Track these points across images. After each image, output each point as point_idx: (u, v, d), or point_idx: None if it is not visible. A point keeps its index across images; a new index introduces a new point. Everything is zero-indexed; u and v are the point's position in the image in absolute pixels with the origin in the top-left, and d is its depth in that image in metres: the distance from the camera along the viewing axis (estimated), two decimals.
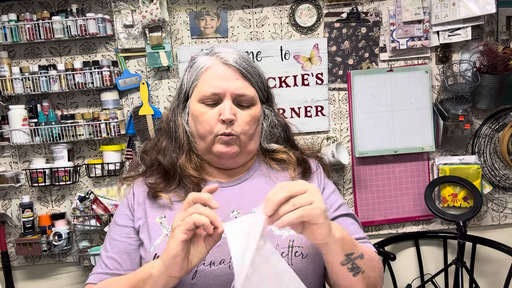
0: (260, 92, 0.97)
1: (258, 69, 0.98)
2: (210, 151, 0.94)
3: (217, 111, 0.91)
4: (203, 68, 0.94)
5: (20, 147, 1.97)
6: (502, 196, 2.09)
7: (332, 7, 1.96)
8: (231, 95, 0.91)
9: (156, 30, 1.89)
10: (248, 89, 0.93)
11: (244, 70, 0.93)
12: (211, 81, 0.92)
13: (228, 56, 0.93)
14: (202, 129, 0.93)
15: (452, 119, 1.94)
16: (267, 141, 1.01)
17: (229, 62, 0.92)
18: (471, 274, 1.92)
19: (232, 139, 0.92)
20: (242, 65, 0.93)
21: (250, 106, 0.94)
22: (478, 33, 1.98)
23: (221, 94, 0.91)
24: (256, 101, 0.95)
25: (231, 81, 0.92)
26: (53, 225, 1.93)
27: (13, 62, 1.93)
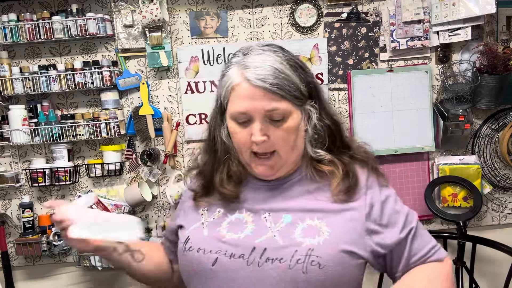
0: (295, 100, 0.89)
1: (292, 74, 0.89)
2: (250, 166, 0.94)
3: (249, 131, 0.89)
4: (230, 86, 0.89)
5: (20, 147, 1.97)
6: (502, 196, 2.09)
7: (332, 7, 1.96)
8: (260, 114, 0.87)
9: (156, 30, 1.89)
10: (278, 103, 0.87)
11: (270, 86, 0.86)
12: (238, 101, 0.88)
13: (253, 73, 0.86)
14: (237, 147, 0.93)
15: (452, 119, 1.94)
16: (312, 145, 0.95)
17: (253, 82, 0.86)
18: (471, 274, 1.91)
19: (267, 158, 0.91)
20: (268, 81, 0.86)
21: (284, 119, 0.89)
22: (478, 33, 1.98)
23: (249, 114, 0.87)
24: (290, 113, 0.89)
25: (258, 99, 0.86)
26: (53, 225, 1.93)
27: (13, 62, 1.93)
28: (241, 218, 0.93)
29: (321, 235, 0.86)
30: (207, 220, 0.96)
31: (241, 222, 0.92)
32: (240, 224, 0.92)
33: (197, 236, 0.93)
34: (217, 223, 0.94)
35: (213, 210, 0.97)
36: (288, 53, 0.93)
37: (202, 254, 0.89)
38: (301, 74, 0.91)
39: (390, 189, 0.98)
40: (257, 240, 0.87)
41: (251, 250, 0.86)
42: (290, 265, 0.83)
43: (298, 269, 0.82)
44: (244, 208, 0.94)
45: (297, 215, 0.90)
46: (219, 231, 0.92)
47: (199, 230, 0.94)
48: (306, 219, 0.89)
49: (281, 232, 0.88)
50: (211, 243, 0.90)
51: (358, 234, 0.89)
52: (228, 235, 0.90)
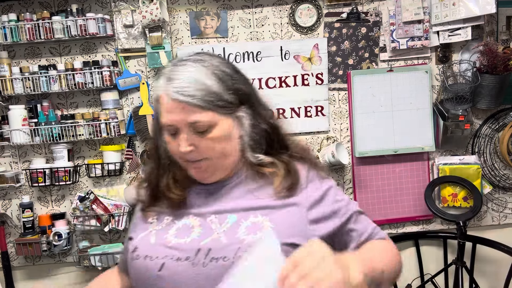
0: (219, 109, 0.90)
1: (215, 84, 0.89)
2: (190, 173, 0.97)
3: (177, 143, 0.91)
4: (156, 98, 0.93)
5: (20, 147, 1.97)
6: (502, 196, 2.09)
7: (332, 7, 1.96)
8: (184, 126, 0.89)
9: (156, 30, 1.89)
10: (200, 115, 0.88)
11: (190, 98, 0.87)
12: (164, 114, 0.91)
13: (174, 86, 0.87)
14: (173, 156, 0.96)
15: (452, 119, 1.94)
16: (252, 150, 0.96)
17: (172, 96, 0.87)
18: (471, 274, 1.92)
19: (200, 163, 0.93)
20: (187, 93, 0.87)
21: (209, 129, 0.90)
22: (478, 33, 1.98)
23: (175, 126, 0.90)
24: (214, 123, 0.90)
25: (178, 112, 0.88)
26: (53, 225, 1.93)
27: (13, 62, 1.93)
28: (188, 223, 0.94)
29: (263, 231, 0.88)
30: (155, 228, 0.96)
31: (188, 227, 0.93)
32: (187, 229, 0.92)
33: (144, 244, 0.93)
34: (165, 230, 0.94)
35: (162, 218, 0.97)
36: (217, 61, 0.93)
37: (149, 261, 0.89)
38: (227, 82, 0.91)
39: (330, 181, 1.01)
40: (203, 242, 0.88)
41: (196, 252, 0.87)
42: (234, 262, 0.83)
43: None
44: (191, 214, 0.95)
45: (241, 214, 0.92)
46: (166, 237, 0.92)
47: (147, 238, 0.94)
48: (249, 217, 0.91)
49: (226, 232, 0.89)
50: (158, 249, 0.90)
51: (302, 226, 0.91)
52: (174, 241, 0.90)
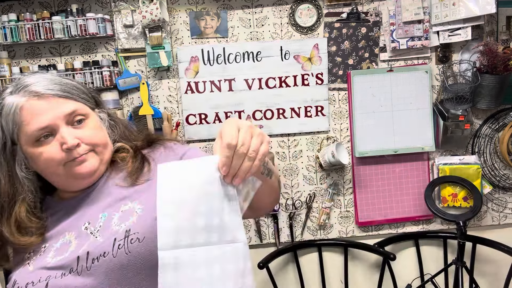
0: (87, 102, 0.94)
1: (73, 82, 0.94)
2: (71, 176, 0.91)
3: (57, 143, 0.87)
4: (17, 109, 0.85)
5: None
6: (502, 196, 2.09)
7: (332, 7, 1.96)
8: (62, 120, 0.87)
9: (156, 30, 1.89)
10: (74, 104, 0.90)
11: (59, 92, 0.88)
12: (34, 118, 0.85)
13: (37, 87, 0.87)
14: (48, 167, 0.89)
15: (452, 119, 1.94)
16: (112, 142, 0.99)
17: (42, 92, 0.86)
18: (471, 274, 1.92)
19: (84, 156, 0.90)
20: (55, 88, 0.88)
21: (86, 118, 0.91)
22: (478, 33, 1.98)
23: (51, 125, 0.86)
24: (88, 113, 0.93)
25: (53, 108, 0.87)
26: None
27: (13, 62, 1.93)
28: (65, 240, 0.89)
29: (134, 215, 0.87)
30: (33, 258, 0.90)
31: (66, 244, 0.88)
32: (65, 245, 0.88)
33: (22, 275, 0.87)
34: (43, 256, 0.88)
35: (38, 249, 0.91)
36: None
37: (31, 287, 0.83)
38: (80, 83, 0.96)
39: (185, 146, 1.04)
40: (81, 249, 0.85)
41: (77, 261, 0.83)
42: (113, 254, 0.82)
43: (121, 253, 0.81)
44: (66, 231, 0.90)
45: (111, 208, 0.90)
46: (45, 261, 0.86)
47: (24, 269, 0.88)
48: (120, 207, 0.89)
49: (101, 231, 0.87)
50: (38, 274, 0.85)
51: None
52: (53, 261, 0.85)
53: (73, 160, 0.88)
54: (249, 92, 1.97)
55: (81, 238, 0.88)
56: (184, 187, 0.73)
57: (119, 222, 0.87)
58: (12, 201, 0.89)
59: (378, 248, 1.97)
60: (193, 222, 0.72)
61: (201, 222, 0.72)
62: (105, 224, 0.88)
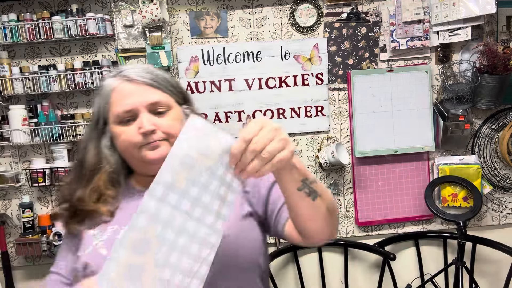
0: (174, 96, 0.97)
1: (166, 75, 0.98)
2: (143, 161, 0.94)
3: (136, 126, 0.91)
4: (109, 91, 0.94)
5: (20, 147, 1.97)
6: (502, 196, 2.09)
7: (332, 7, 1.96)
8: (145, 107, 0.91)
9: (156, 30, 1.89)
10: (159, 95, 0.93)
11: (149, 80, 0.93)
12: (121, 100, 0.92)
13: (130, 72, 0.94)
14: (125, 147, 0.93)
15: (452, 119, 1.94)
16: None
17: (132, 77, 0.93)
18: (471, 274, 1.91)
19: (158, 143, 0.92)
20: (146, 77, 0.93)
21: (168, 109, 0.94)
22: (478, 33, 1.98)
23: (134, 110, 0.91)
24: (172, 105, 0.95)
25: (139, 94, 0.92)
26: (53, 225, 1.93)
27: (13, 62, 1.93)
28: None
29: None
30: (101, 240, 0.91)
31: None
32: None
33: (96, 258, 0.88)
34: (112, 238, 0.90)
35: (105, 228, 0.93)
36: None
37: None
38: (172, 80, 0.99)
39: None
40: None
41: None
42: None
43: None
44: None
45: None
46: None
47: (96, 251, 0.89)
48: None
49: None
50: None
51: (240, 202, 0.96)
52: None
53: (147, 145, 0.91)
54: (249, 92, 1.97)
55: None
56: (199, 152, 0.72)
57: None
58: (95, 170, 0.95)
59: (378, 248, 1.97)
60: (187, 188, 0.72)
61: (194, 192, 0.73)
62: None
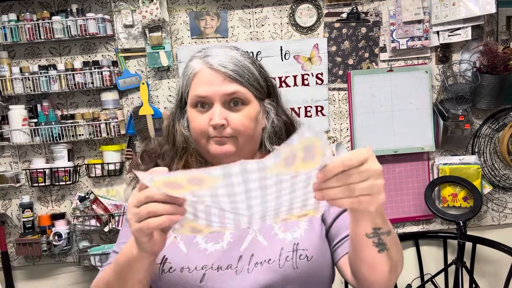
0: (255, 90, 0.93)
1: (251, 66, 0.93)
2: (208, 152, 0.93)
3: (208, 116, 0.90)
4: (191, 74, 0.92)
5: (20, 147, 1.97)
6: (502, 196, 2.09)
7: (332, 7, 1.96)
8: (220, 99, 0.89)
9: (156, 30, 1.89)
10: (237, 88, 0.90)
11: (230, 71, 0.90)
12: (199, 86, 0.91)
13: (215, 59, 0.90)
14: (195, 134, 0.93)
15: (452, 119, 1.94)
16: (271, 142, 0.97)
17: (214, 67, 0.90)
18: (471, 274, 1.91)
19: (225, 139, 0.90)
20: (229, 67, 0.90)
21: (244, 104, 0.91)
22: (478, 33, 1.98)
23: (209, 98, 0.89)
24: (249, 100, 0.92)
25: (218, 84, 0.89)
26: (53, 225, 1.93)
27: (13, 62, 1.93)
28: None
29: (301, 227, 0.89)
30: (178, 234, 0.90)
31: None
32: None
33: (175, 254, 0.87)
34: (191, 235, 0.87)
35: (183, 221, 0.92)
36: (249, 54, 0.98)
37: (187, 273, 0.84)
38: (260, 70, 0.95)
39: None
40: (242, 247, 0.86)
41: (238, 259, 0.85)
42: (280, 264, 0.83)
43: (288, 266, 0.83)
44: None
45: None
46: (197, 243, 0.87)
47: (175, 247, 0.88)
48: None
49: (261, 230, 0.88)
50: (194, 259, 0.86)
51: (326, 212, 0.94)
52: (209, 247, 0.87)
53: (215, 138, 0.90)
54: None
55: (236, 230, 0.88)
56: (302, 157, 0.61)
57: (283, 229, 0.88)
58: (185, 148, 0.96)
59: None
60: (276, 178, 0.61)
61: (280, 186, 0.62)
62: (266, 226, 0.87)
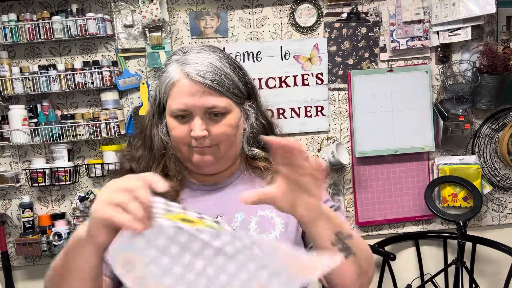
0: (234, 97, 0.92)
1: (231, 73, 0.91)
2: (189, 160, 0.94)
3: (188, 127, 0.89)
4: (170, 82, 0.90)
5: (20, 147, 1.97)
6: (502, 196, 2.09)
7: (332, 7, 1.96)
8: (200, 110, 0.88)
9: (156, 30, 1.89)
10: (218, 100, 0.89)
11: (210, 82, 0.87)
12: (178, 98, 0.89)
13: (193, 69, 0.88)
14: (175, 143, 0.93)
15: (452, 119, 1.94)
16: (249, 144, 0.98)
17: (193, 77, 0.87)
18: (471, 274, 1.92)
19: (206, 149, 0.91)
20: (207, 77, 0.87)
21: (225, 114, 0.90)
22: (478, 33, 1.98)
23: (190, 110, 0.88)
24: (230, 109, 0.91)
25: (198, 96, 0.87)
26: (53, 225, 1.93)
27: (13, 62, 1.92)
28: None
29: (277, 229, 0.89)
30: None
31: None
32: None
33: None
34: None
35: None
36: (227, 54, 0.96)
37: None
38: (239, 74, 0.94)
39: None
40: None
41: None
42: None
43: None
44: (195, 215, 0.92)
45: (247, 210, 0.91)
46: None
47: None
48: (257, 211, 0.91)
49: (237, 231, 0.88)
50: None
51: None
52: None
53: (196, 147, 0.90)
54: None
55: None
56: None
57: (259, 230, 0.88)
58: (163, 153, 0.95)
59: (378, 248, 1.97)
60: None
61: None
62: (242, 226, 0.89)
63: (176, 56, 0.93)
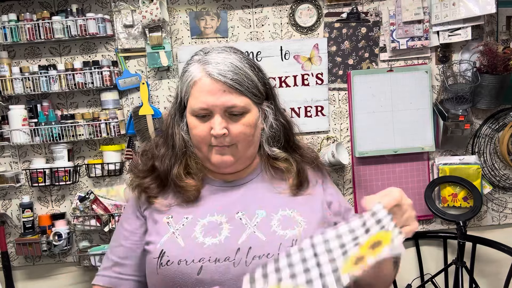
0: (253, 97, 0.94)
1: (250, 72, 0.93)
2: (208, 159, 0.95)
3: (209, 125, 0.91)
4: (191, 81, 0.92)
5: (20, 147, 1.97)
6: (502, 196, 2.09)
7: (332, 7, 1.96)
8: (220, 109, 0.90)
9: (156, 30, 1.89)
10: (238, 99, 0.91)
11: (231, 81, 0.89)
12: (199, 96, 0.91)
13: (214, 68, 0.90)
14: (196, 141, 0.95)
15: (452, 119, 1.94)
16: (269, 144, 1.00)
17: (214, 76, 0.89)
18: (471, 274, 1.91)
19: (226, 148, 0.92)
20: (228, 76, 0.89)
21: (244, 114, 0.92)
22: (478, 33, 1.98)
23: (210, 109, 0.90)
24: (249, 109, 0.93)
25: (219, 95, 0.89)
26: (53, 225, 1.93)
27: (13, 62, 1.93)
28: (214, 220, 0.92)
29: (299, 225, 0.91)
30: (176, 228, 0.92)
31: (215, 225, 0.91)
32: (215, 226, 0.91)
33: (173, 248, 0.88)
34: (189, 229, 0.90)
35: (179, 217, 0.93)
36: (246, 55, 0.99)
37: (184, 266, 0.85)
38: (259, 74, 0.96)
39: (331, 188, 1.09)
40: (239, 240, 0.87)
41: (236, 252, 0.86)
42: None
43: None
44: (215, 211, 0.93)
45: (269, 208, 0.93)
46: (195, 237, 0.89)
47: (173, 241, 0.89)
48: (278, 211, 0.93)
49: (259, 227, 0.90)
50: (192, 252, 0.87)
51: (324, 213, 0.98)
52: (207, 241, 0.88)
53: (215, 146, 0.92)
54: None
55: (234, 225, 0.90)
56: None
57: (281, 227, 0.90)
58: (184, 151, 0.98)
59: None
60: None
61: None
62: (264, 222, 0.90)
63: (198, 56, 0.95)
